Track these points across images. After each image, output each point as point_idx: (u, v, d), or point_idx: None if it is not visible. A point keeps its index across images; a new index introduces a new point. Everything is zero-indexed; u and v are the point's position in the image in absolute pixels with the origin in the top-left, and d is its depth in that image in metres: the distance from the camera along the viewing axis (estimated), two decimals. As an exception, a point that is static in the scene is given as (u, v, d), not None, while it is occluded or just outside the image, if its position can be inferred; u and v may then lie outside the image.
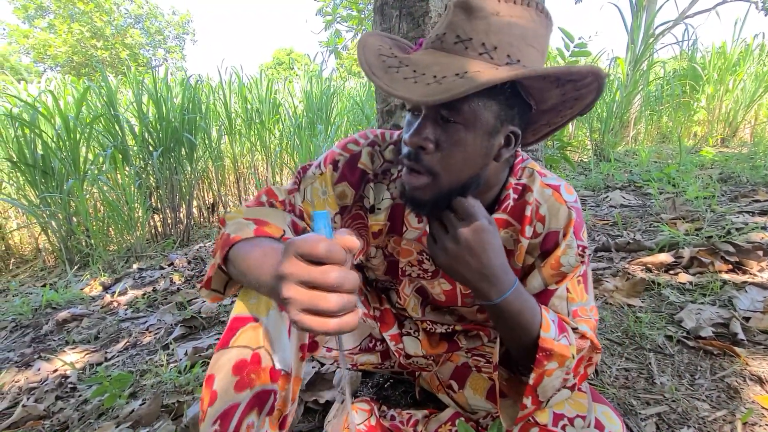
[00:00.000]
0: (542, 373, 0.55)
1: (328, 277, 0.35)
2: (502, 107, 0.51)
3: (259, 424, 0.50)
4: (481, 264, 0.53)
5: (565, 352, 0.55)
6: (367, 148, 0.68)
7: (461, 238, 0.53)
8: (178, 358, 1.30)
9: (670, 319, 1.11)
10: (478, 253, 0.53)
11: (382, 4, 1.18)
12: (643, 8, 5.71)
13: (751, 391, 0.81)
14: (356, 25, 6.58)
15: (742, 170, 2.90)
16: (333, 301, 0.35)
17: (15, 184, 2.95)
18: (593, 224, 2.20)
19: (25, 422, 1.09)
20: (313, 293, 0.35)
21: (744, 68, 4.95)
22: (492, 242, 0.54)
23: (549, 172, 0.65)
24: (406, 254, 0.70)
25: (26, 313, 1.94)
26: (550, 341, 0.54)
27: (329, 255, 0.35)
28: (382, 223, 0.69)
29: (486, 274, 0.54)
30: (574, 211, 0.61)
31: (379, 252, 0.74)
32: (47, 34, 16.66)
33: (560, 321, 0.58)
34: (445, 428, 0.74)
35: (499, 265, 0.55)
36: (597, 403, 0.61)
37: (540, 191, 0.62)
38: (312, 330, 0.35)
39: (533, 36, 0.50)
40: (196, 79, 3.64)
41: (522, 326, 0.56)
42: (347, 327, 0.36)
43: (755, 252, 1.41)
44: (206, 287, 0.60)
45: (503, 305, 0.55)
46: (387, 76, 0.48)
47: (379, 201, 0.68)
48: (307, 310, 0.35)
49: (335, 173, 0.67)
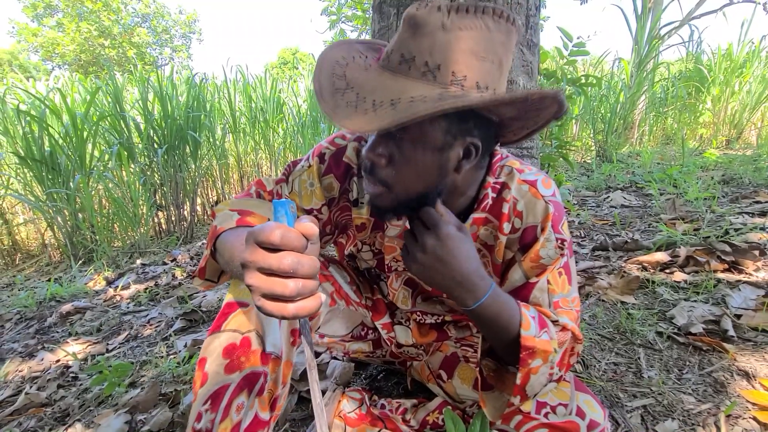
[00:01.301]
0: (528, 371, 0.56)
1: (282, 263, 0.35)
2: (453, 123, 0.50)
3: (249, 405, 0.52)
4: (452, 271, 0.54)
5: (548, 348, 0.56)
6: (353, 143, 0.69)
7: (428, 248, 0.54)
8: (178, 350, 1.32)
9: (662, 315, 1.12)
10: (448, 260, 0.53)
11: (380, 2, 1.19)
12: (648, 10, 5.69)
13: (738, 385, 0.82)
14: (361, 24, 6.61)
15: (745, 172, 2.89)
16: (290, 286, 0.35)
17: (22, 180, 3.00)
18: (593, 224, 2.20)
19: (28, 409, 1.11)
20: (270, 279, 0.36)
21: (750, 70, 4.91)
22: (461, 248, 0.54)
23: (528, 167, 0.65)
24: (390, 250, 0.71)
25: (31, 306, 1.98)
26: (531, 339, 0.55)
27: (284, 242, 0.35)
28: (365, 217, 0.71)
29: (459, 281, 0.55)
30: (552, 204, 0.61)
31: (366, 247, 0.75)
32: (56, 33, 16.85)
33: (540, 317, 0.58)
34: (432, 416, 0.76)
35: (473, 271, 0.55)
36: (579, 392, 0.62)
37: (517, 188, 0.62)
38: (272, 314, 0.36)
39: (486, 47, 0.47)
40: (201, 78, 3.68)
41: (502, 327, 0.57)
42: (304, 311, 0.37)
43: (751, 252, 1.41)
44: (200, 277, 0.62)
45: (480, 310, 0.56)
46: (332, 100, 0.49)
47: (362, 195, 0.70)
48: (267, 296, 0.36)
49: (322, 166, 0.69)
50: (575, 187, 3.15)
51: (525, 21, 1.07)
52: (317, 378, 0.40)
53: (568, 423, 0.59)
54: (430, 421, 0.76)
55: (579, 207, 2.61)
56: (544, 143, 1.68)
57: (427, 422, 0.76)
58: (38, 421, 1.05)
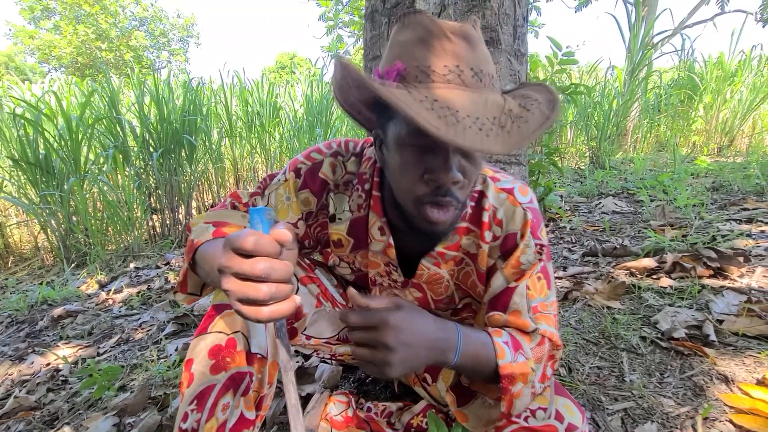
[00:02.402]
0: (511, 397, 0.57)
1: (255, 269, 0.37)
2: None
3: (234, 404, 0.53)
4: (425, 343, 0.52)
5: (525, 369, 0.57)
6: (329, 158, 0.68)
7: (392, 344, 0.48)
8: (169, 354, 1.32)
9: (646, 320, 1.13)
10: (415, 340, 0.50)
11: (372, 12, 1.22)
12: (641, 18, 5.78)
13: (717, 389, 0.83)
14: (358, 30, 6.66)
15: (735, 179, 2.93)
16: (263, 290, 0.37)
17: (16, 183, 2.99)
18: (584, 230, 2.23)
19: (17, 413, 1.11)
20: (245, 284, 0.37)
21: (742, 78, 4.99)
22: (414, 319, 0.52)
23: (502, 174, 0.67)
24: (374, 266, 0.72)
25: (22, 309, 1.97)
26: (509, 366, 0.56)
27: (257, 248, 0.37)
28: (342, 234, 0.71)
29: (432, 347, 0.52)
30: (530, 211, 0.63)
31: (344, 264, 0.76)
32: (52, 35, 16.83)
33: (512, 339, 0.59)
34: (417, 419, 0.77)
35: (437, 329, 0.54)
36: (559, 396, 0.63)
37: (495, 196, 0.64)
38: (248, 318, 0.38)
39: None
40: (198, 82, 3.70)
41: (482, 364, 0.56)
42: (278, 314, 0.38)
43: (736, 258, 1.43)
44: (182, 291, 0.62)
45: (462, 358, 0.55)
46: (452, 129, 0.45)
47: (341, 212, 0.70)
48: (242, 300, 0.38)
49: (298, 180, 0.69)
50: (568, 193, 3.18)
51: (512, 31, 1.10)
52: (293, 380, 0.41)
53: (547, 426, 0.60)
54: (414, 424, 0.77)
55: (571, 213, 2.64)
56: (534, 150, 1.71)
57: (411, 425, 0.77)
58: (27, 425, 1.05)
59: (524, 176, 1.25)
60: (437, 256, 0.67)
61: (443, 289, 0.71)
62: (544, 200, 2.06)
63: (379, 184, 0.65)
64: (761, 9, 6.57)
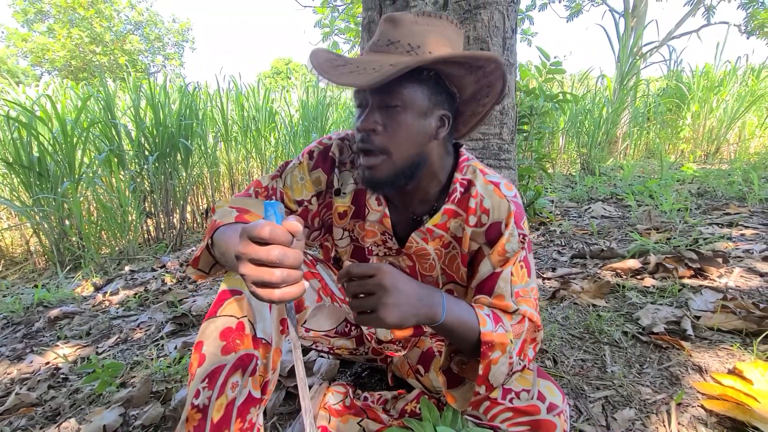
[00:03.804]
0: (489, 362, 0.62)
1: (270, 255, 0.41)
2: (432, 91, 0.64)
3: (243, 384, 0.57)
4: (414, 295, 0.57)
5: (504, 340, 0.62)
6: (337, 141, 0.79)
7: (388, 287, 0.54)
8: (168, 352, 1.35)
9: (629, 317, 1.19)
10: (402, 287, 0.56)
11: (369, 22, 1.27)
12: (630, 29, 5.95)
13: (691, 378, 0.89)
14: (353, 37, 6.74)
15: (719, 185, 3.02)
16: (276, 274, 0.41)
17: (9, 185, 2.99)
18: (573, 233, 2.29)
19: (18, 409, 1.13)
20: (260, 269, 0.42)
21: (727, 88, 5.15)
22: (401, 273, 0.58)
23: (490, 170, 0.74)
24: (371, 235, 0.78)
25: (18, 311, 1.98)
26: (489, 333, 0.62)
27: (272, 237, 0.42)
28: (346, 205, 0.79)
29: (421, 297, 0.58)
30: (513, 204, 0.69)
31: (345, 234, 0.83)
32: (46, 38, 16.75)
33: (494, 314, 0.65)
34: (410, 405, 0.81)
35: (423, 286, 0.60)
36: (541, 379, 0.69)
37: (483, 186, 0.71)
38: (261, 298, 0.42)
39: (447, 38, 0.64)
40: (194, 87, 3.73)
41: (467, 327, 0.62)
42: (288, 296, 0.43)
43: (716, 259, 1.50)
44: (194, 266, 0.67)
45: (448, 317, 0.60)
46: (335, 71, 0.59)
47: (345, 186, 0.79)
48: (257, 283, 0.42)
49: (311, 161, 0.78)
50: (559, 198, 3.25)
51: (502, 42, 1.16)
52: (301, 356, 0.46)
53: (530, 406, 0.65)
54: (408, 410, 0.81)
55: (561, 217, 2.70)
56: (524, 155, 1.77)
57: (405, 411, 0.82)
58: (29, 420, 1.07)
59: (513, 180, 1.31)
60: (426, 232, 0.74)
61: (428, 267, 0.78)
62: (534, 204, 2.12)
63: None
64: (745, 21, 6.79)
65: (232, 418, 0.56)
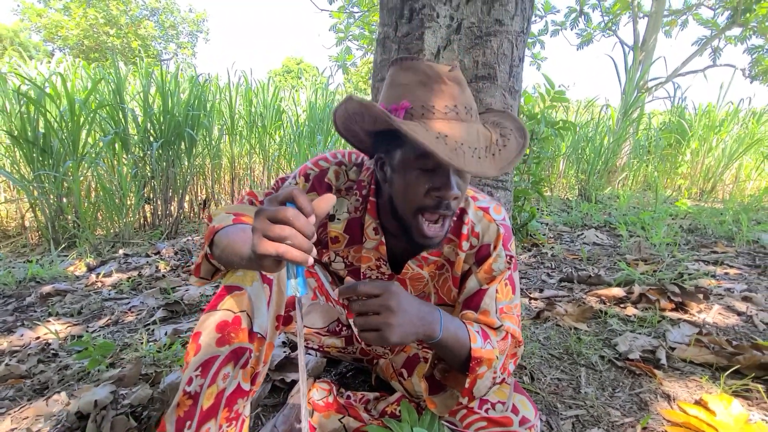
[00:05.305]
0: (475, 377, 0.66)
1: (286, 213, 0.43)
2: None
3: (234, 375, 0.60)
4: (416, 313, 0.61)
5: (491, 356, 0.67)
6: (334, 166, 0.79)
7: (393, 307, 0.58)
8: (159, 338, 1.37)
9: (607, 342, 1.24)
10: (406, 307, 0.60)
11: (384, 38, 1.33)
12: (638, 62, 6.07)
13: (659, 405, 0.94)
14: (367, 44, 6.83)
15: (710, 224, 3.08)
16: (285, 230, 0.43)
17: (11, 158, 3.00)
18: (564, 257, 2.34)
19: (6, 380, 1.15)
20: (272, 224, 0.44)
21: (728, 129, 5.25)
22: (404, 293, 0.61)
23: (482, 195, 0.79)
24: (366, 260, 0.81)
25: (10, 284, 1.99)
26: (479, 350, 0.66)
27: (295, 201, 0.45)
28: (339, 232, 0.81)
29: (423, 317, 0.62)
30: (502, 227, 0.75)
31: (339, 258, 0.85)
32: (61, 16, 16.79)
33: (483, 331, 0.70)
34: (391, 407, 0.85)
35: (424, 304, 0.64)
36: (517, 393, 0.73)
37: (474, 213, 0.75)
38: (267, 251, 0.43)
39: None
40: (205, 78, 3.77)
41: (460, 344, 0.66)
42: (291, 255, 0.43)
43: (697, 295, 1.55)
44: (195, 275, 0.70)
45: (445, 334, 0.64)
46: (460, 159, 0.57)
47: (340, 213, 0.80)
48: (266, 236, 0.43)
49: (306, 184, 0.78)
50: (554, 222, 3.31)
51: (509, 70, 1.21)
52: (303, 345, 0.49)
53: (504, 418, 0.69)
54: (389, 411, 0.85)
55: (554, 240, 2.75)
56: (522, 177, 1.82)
57: (386, 412, 0.85)
58: (17, 391, 1.09)
59: (509, 201, 1.35)
60: (421, 259, 0.78)
61: (422, 286, 0.82)
62: (527, 225, 2.17)
63: (375, 192, 0.76)
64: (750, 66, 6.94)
65: (220, 406, 0.60)
